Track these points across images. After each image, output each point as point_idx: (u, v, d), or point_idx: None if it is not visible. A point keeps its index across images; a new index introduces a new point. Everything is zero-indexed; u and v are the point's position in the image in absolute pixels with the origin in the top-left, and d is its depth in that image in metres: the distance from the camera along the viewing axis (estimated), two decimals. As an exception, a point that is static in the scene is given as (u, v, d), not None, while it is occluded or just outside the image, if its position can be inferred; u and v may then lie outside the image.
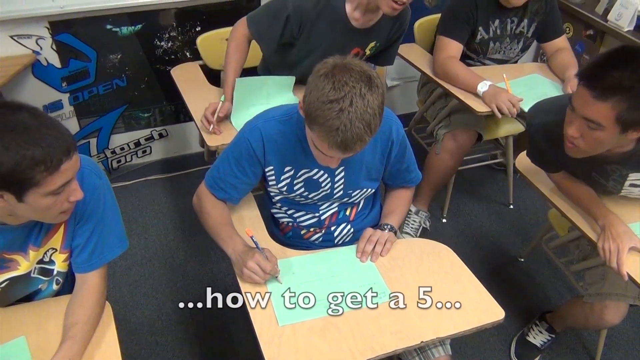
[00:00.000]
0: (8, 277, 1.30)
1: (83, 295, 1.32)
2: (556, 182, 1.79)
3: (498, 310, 1.36)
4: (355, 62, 1.27)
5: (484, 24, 2.35)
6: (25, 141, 1.04)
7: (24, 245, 1.28)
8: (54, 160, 1.08)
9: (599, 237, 1.61)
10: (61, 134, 1.10)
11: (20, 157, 1.04)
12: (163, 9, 2.56)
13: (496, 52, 2.46)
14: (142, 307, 2.27)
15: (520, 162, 1.92)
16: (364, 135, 1.24)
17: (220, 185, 1.55)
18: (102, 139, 2.84)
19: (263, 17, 2.00)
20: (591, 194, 1.71)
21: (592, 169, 1.63)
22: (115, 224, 1.38)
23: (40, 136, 1.06)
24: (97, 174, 1.33)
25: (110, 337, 1.29)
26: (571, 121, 1.42)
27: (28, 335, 1.27)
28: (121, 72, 2.68)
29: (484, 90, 2.19)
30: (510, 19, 2.37)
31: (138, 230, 2.62)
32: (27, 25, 2.38)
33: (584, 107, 1.36)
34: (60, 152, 1.09)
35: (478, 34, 2.38)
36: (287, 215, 1.67)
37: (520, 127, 2.56)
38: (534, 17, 2.40)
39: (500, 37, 2.41)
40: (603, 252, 1.57)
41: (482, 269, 2.08)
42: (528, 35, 2.45)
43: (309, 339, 1.27)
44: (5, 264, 1.28)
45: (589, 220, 1.69)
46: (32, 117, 1.07)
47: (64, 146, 1.09)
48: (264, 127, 1.49)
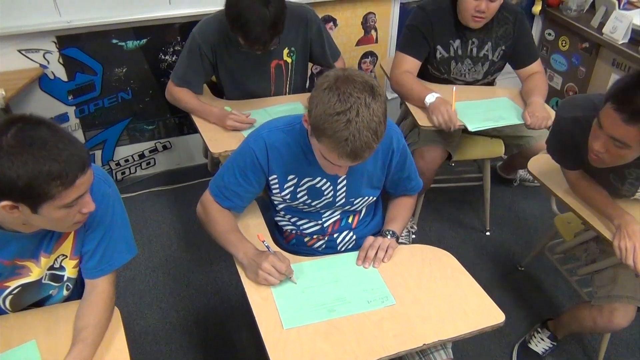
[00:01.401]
0: (20, 283, 1.33)
1: (93, 300, 1.35)
2: (571, 181, 1.83)
3: (498, 314, 1.39)
4: (357, 73, 1.31)
5: (442, 42, 2.34)
6: (43, 156, 1.07)
7: (36, 252, 1.31)
8: (70, 176, 1.11)
9: (614, 236, 1.65)
10: (78, 149, 1.13)
11: (37, 172, 1.07)
12: (167, 23, 2.62)
13: (460, 73, 2.43)
14: (147, 316, 2.29)
15: (533, 165, 1.99)
16: (372, 142, 1.28)
17: (225, 194, 1.58)
18: (107, 151, 2.89)
19: (181, 65, 2.20)
20: (606, 195, 1.76)
21: (610, 171, 1.68)
22: (124, 231, 1.41)
23: (58, 152, 1.09)
24: (107, 182, 1.36)
25: (119, 341, 1.32)
26: (598, 137, 1.47)
27: (38, 339, 1.30)
28: (126, 85, 2.73)
29: (430, 102, 2.20)
30: (471, 40, 2.34)
31: (142, 241, 2.65)
32: (35, 39, 2.43)
33: (612, 128, 1.41)
34: (76, 168, 1.12)
35: (437, 52, 2.36)
36: (290, 223, 1.70)
37: (499, 150, 2.52)
38: (499, 42, 2.36)
39: (461, 57, 2.38)
40: (619, 251, 1.62)
41: (483, 278, 2.10)
42: (494, 59, 2.40)
43: (314, 342, 1.30)
44: (17, 270, 1.31)
45: (604, 221, 1.73)
46: (51, 132, 1.10)
47: (79, 162, 1.13)
48: (268, 137, 1.53)
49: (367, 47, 3.15)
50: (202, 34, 2.13)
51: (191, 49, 2.16)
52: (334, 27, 2.98)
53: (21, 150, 1.06)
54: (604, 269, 1.88)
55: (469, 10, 2.20)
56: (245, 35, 1.96)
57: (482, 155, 2.57)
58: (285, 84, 2.35)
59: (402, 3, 3.04)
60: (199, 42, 2.13)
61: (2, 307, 1.36)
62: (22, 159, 1.06)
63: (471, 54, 2.38)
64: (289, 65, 2.29)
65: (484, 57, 2.39)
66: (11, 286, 1.33)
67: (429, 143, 2.38)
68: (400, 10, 3.06)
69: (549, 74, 3.52)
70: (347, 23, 3.00)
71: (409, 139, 2.45)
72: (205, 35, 2.13)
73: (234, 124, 2.07)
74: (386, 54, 3.20)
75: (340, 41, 3.04)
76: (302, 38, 2.26)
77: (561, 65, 3.42)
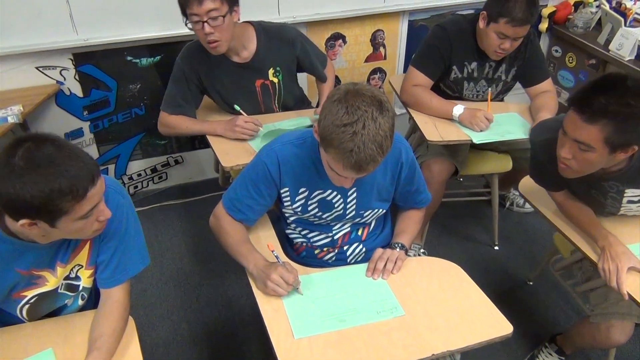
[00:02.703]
0: (37, 292, 1.37)
1: (108, 309, 1.38)
2: (558, 202, 1.85)
3: (506, 325, 1.41)
4: (367, 88, 1.35)
5: (458, 63, 2.35)
6: (52, 174, 1.10)
7: (52, 262, 1.35)
8: (80, 190, 1.14)
9: (599, 258, 1.67)
10: (85, 163, 1.16)
11: (48, 190, 1.10)
12: (179, 41, 2.67)
13: (472, 94, 2.46)
14: (158, 328, 2.31)
15: (524, 186, 1.99)
16: (377, 156, 1.31)
17: (238, 207, 1.62)
18: (120, 165, 2.94)
19: (170, 94, 2.26)
20: (591, 216, 1.77)
21: (590, 186, 1.69)
22: (137, 241, 1.45)
23: (66, 168, 1.12)
24: (121, 193, 1.40)
25: (134, 349, 1.35)
26: (563, 143, 1.51)
27: (55, 347, 1.33)
28: (140, 101, 2.79)
29: (460, 114, 2.24)
30: (488, 63, 2.36)
31: (154, 254, 2.68)
32: (52, 57, 2.50)
33: (574, 130, 1.45)
34: (86, 181, 1.15)
35: (452, 72, 2.37)
36: (301, 236, 1.74)
37: (507, 165, 2.53)
38: (512, 62, 2.38)
39: (476, 78, 2.40)
40: (603, 272, 1.63)
41: (491, 292, 2.09)
42: (507, 80, 2.43)
43: (324, 351, 1.32)
44: (34, 280, 1.35)
45: (590, 242, 1.75)
46: (57, 149, 1.13)
47: (88, 175, 1.15)
48: (280, 150, 1.56)
49: (376, 63, 3.20)
50: (185, 59, 2.19)
51: (176, 76, 2.21)
52: (343, 44, 3.04)
53: (30, 170, 1.09)
54: (599, 287, 1.89)
55: (492, 47, 2.22)
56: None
57: (491, 170, 2.59)
58: (273, 101, 2.37)
59: (411, 20, 3.10)
60: (183, 67, 2.18)
61: (20, 316, 1.40)
62: (32, 179, 1.09)
63: (487, 76, 2.40)
64: (276, 85, 2.32)
65: (498, 78, 2.41)
66: (28, 296, 1.36)
67: (437, 156, 2.40)
68: (409, 28, 3.11)
69: (557, 90, 3.55)
70: (357, 40, 3.05)
71: (417, 152, 2.48)
72: (188, 60, 2.18)
73: (243, 130, 2.11)
74: (395, 70, 3.25)
75: (350, 58, 3.10)
76: (288, 58, 2.29)
77: (568, 81, 3.45)
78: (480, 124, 2.20)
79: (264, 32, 2.21)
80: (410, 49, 3.16)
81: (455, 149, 2.37)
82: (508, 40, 2.17)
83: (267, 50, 2.21)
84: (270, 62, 2.25)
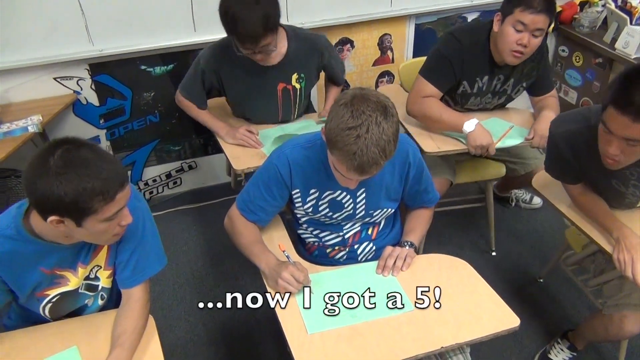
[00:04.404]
0: (59, 292, 1.43)
1: (129, 307, 1.45)
2: (573, 195, 1.88)
3: (514, 319, 1.45)
4: (373, 93, 1.39)
5: (469, 78, 2.25)
6: (86, 174, 1.17)
7: (74, 263, 1.41)
8: (111, 192, 1.21)
9: (613, 249, 1.70)
10: (117, 167, 1.24)
11: (82, 189, 1.17)
12: (192, 49, 2.75)
13: (475, 106, 2.39)
14: (175, 329, 2.38)
15: (537, 181, 2.03)
16: (379, 159, 1.36)
17: (251, 208, 1.68)
18: (135, 171, 3.01)
19: (187, 80, 2.31)
20: (606, 209, 1.80)
21: (612, 176, 1.71)
22: (154, 242, 1.51)
23: (99, 170, 1.19)
24: (137, 197, 1.46)
25: (155, 346, 1.41)
26: (610, 141, 1.50)
27: (80, 345, 1.39)
28: (154, 109, 2.87)
29: (470, 131, 2.14)
30: (497, 76, 2.26)
31: (170, 257, 2.65)
32: (69, 67, 2.58)
33: (623, 130, 1.44)
34: (116, 184, 1.22)
35: (461, 86, 2.28)
36: (312, 236, 1.79)
37: (500, 171, 2.51)
38: (522, 79, 2.29)
39: (484, 93, 2.32)
40: (618, 263, 1.66)
41: (502, 290, 2.13)
42: (511, 95, 2.37)
43: (337, 346, 1.37)
44: (56, 280, 1.42)
45: (605, 234, 1.77)
46: (92, 152, 1.21)
47: (119, 178, 1.23)
48: (291, 153, 1.62)
49: (384, 67, 3.25)
50: (206, 60, 2.21)
51: (195, 72, 2.25)
52: (350, 49, 3.09)
53: (67, 170, 1.16)
54: (612, 279, 1.92)
55: (509, 44, 2.06)
56: (236, 29, 1.96)
57: (484, 177, 2.57)
58: (293, 110, 2.39)
59: (417, 24, 3.14)
60: (203, 67, 2.22)
61: (43, 314, 1.46)
62: (68, 177, 1.16)
63: (494, 89, 2.32)
64: (297, 91, 2.33)
65: (503, 91, 2.34)
66: (51, 295, 1.43)
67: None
68: (416, 31, 3.16)
69: (564, 90, 3.58)
70: (364, 44, 3.11)
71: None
72: (208, 61, 2.21)
73: (244, 137, 2.18)
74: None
75: (357, 62, 3.15)
76: (315, 66, 2.32)
77: (576, 80, 3.47)
78: (478, 151, 2.15)
79: (295, 37, 2.22)
80: (417, 51, 3.21)
81: (446, 157, 2.35)
82: (526, 34, 2.02)
83: (295, 55, 2.22)
84: (296, 68, 2.27)
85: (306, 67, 2.29)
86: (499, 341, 2.10)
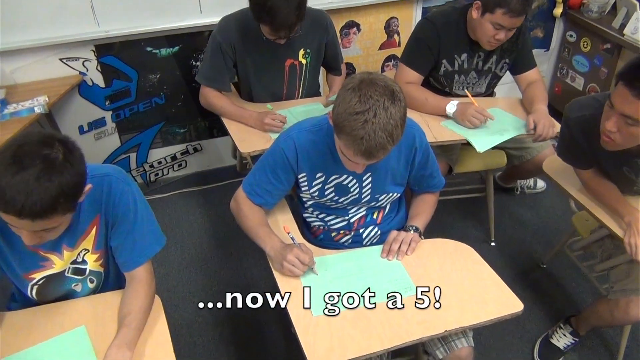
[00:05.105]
0: (45, 275, 1.44)
1: (133, 288, 1.45)
2: (584, 180, 1.89)
3: (517, 303, 1.46)
4: (380, 78, 1.39)
5: (448, 56, 2.31)
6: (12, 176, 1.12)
7: (57, 246, 1.41)
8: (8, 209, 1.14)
9: (625, 233, 1.71)
10: (39, 197, 1.13)
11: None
12: (197, 32, 2.74)
13: (462, 87, 2.41)
14: (181, 310, 2.40)
15: (548, 166, 2.04)
16: (386, 144, 1.36)
17: (257, 191, 1.68)
18: (141, 153, 3.02)
19: (205, 65, 2.31)
20: (617, 193, 1.81)
21: (623, 163, 1.72)
22: (149, 223, 1.49)
23: (24, 185, 1.12)
24: (124, 180, 1.44)
25: (161, 326, 1.42)
26: (609, 117, 1.53)
27: (88, 324, 1.41)
28: (160, 91, 2.86)
29: (454, 111, 2.21)
30: (477, 53, 2.32)
31: (175, 240, 2.77)
32: (75, 48, 2.57)
33: (623, 104, 1.46)
34: (11, 209, 1.13)
35: (442, 66, 2.33)
36: (318, 219, 1.80)
37: (502, 161, 2.53)
38: (504, 54, 2.35)
39: (466, 70, 2.36)
40: (629, 247, 1.68)
41: (504, 275, 2.16)
42: (497, 72, 2.41)
43: (342, 328, 1.38)
44: (41, 262, 1.42)
45: (615, 218, 1.79)
46: (44, 166, 1.14)
47: (17, 208, 1.13)
48: (297, 137, 1.62)
49: (390, 50, 3.23)
50: (222, 33, 2.23)
51: (213, 48, 2.25)
52: (357, 32, 3.07)
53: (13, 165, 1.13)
54: (619, 264, 1.93)
55: (486, 37, 2.17)
56: (272, 19, 1.99)
57: (485, 167, 2.57)
58: (298, 87, 2.43)
59: (425, 7, 3.12)
60: (220, 40, 2.22)
61: (30, 296, 1.47)
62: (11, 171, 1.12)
63: (477, 67, 2.36)
64: (303, 67, 2.37)
65: (488, 70, 2.39)
66: (36, 277, 1.44)
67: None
68: (423, 14, 3.13)
69: (571, 75, 3.56)
70: (371, 28, 3.09)
71: None
72: (224, 33, 2.22)
73: (272, 122, 2.16)
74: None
75: (364, 45, 3.14)
76: (318, 41, 2.35)
77: (583, 66, 3.45)
78: (472, 119, 2.17)
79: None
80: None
81: (449, 147, 2.37)
82: (503, 31, 2.13)
83: (302, 31, 2.22)
84: (303, 43, 2.31)
85: (312, 42, 2.33)
86: (501, 326, 2.13)
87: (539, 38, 3.57)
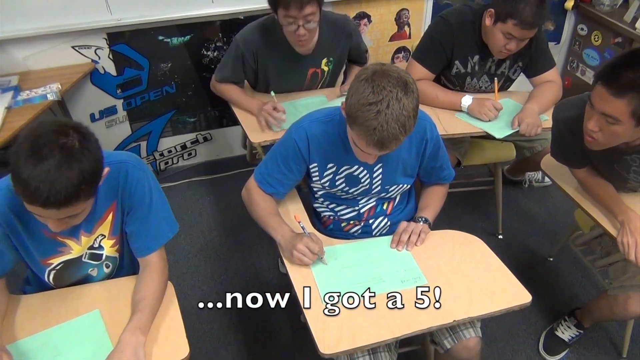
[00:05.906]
0: (62, 260, 1.47)
1: (147, 274, 1.48)
2: (580, 179, 1.90)
3: (525, 294, 1.47)
4: (393, 69, 1.40)
5: (461, 57, 2.29)
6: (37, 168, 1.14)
7: (76, 232, 1.43)
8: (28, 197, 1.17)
9: (618, 232, 1.72)
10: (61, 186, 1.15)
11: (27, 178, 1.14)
12: (209, 21, 2.75)
13: (473, 89, 2.40)
14: (190, 297, 2.43)
15: (546, 164, 2.04)
16: (399, 134, 1.37)
17: (268, 181, 1.70)
18: (151, 142, 3.04)
19: (224, 66, 2.30)
20: (612, 192, 1.82)
21: (613, 161, 1.74)
22: (163, 210, 1.52)
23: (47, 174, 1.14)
24: (141, 167, 1.46)
25: (174, 311, 1.45)
26: (590, 117, 1.55)
27: (102, 308, 1.44)
28: (171, 80, 2.88)
29: (469, 105, 2.22)
30: (491, 57, 2.29)
31: (184, 228, 2.79)
32: (87, 36, 2.59)
33: (602, 104, 1.48)
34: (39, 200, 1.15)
35: (454, 67, 2.31)
36: (328, 209, 1.81)
37: (510, 154, 2.52)
38: (517, 59, 2.32)
39: (478, 73, 2.34)
40: (622, 246, 1.69)
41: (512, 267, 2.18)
42: (510, 75, 2.39)
43: (351, 316, 1.40)
44: (59, 248, 1.44)
45: (610, 217, 1.79)
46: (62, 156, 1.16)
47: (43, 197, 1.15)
48: (309, 128, 1.63)
49: (400, 42, 3.23)
50: (245, 42, 2.21)
51: (234, 55, 2.24)
52: (368, 24, 3.07)
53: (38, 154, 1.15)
54: (617, 261, 1.94)
55: (497, 46, 2.16)
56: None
57: (493, 159, 2.57)
58: (316, 86, 2.43)
59: None
60: (242, 49, 2.21)
61: (47, 281, 1.49)
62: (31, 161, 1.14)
63: (489, 70, 2.34)
64: (325, 73, 2.38)
65: (501, 74, 2.37)
66: (54, 263, 1.46)
67: None
68: (434, 6, 3.13)
69: (581, 69, 3.54)
70: (381, 19, 3.08)
71: None
72: (247, 42, 2.21)
73: (268, 110, 2.12)
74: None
75: (374, 37, 3.14)
76: (342, 49, 2.34)
77: (594, 60, 3.44)
78: (489, 113, 2.18)
79: (326, 22, 2.22)
80: (435, 27, 3.18)
81: (458, 140, 2.37)
82: (514, 41, 2.11)
83: (326, 41, 2.24)
84: (326, 52, 2.30)
85: (336, 51, 2.32)
86: (507, 317, 2.15)
87: (549, 31, 3.55)
